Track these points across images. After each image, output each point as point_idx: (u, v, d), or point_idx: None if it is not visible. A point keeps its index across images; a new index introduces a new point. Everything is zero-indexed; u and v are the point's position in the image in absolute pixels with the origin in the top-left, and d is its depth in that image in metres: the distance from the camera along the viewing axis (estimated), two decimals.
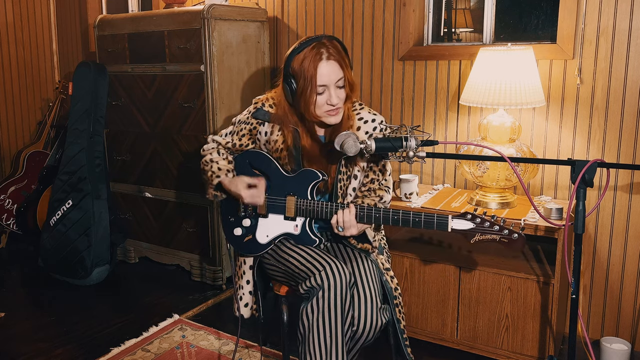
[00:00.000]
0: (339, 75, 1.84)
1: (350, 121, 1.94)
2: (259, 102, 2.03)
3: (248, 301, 2.10)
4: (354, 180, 1.96)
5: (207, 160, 2.07)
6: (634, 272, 2.50)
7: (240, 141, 2.05)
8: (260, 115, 2.00)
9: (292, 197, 1.93)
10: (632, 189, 2.47)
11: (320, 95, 1.85)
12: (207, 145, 2.12)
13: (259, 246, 2.00)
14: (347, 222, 1.82)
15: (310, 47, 1.84)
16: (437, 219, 1.74)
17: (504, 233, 1.68)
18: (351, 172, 1.95)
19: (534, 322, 2.31)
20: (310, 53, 1.83)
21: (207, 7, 2.96)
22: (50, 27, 4.38)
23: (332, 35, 1.92)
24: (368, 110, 1.99)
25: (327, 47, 1.84)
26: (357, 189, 1.99)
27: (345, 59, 1.87)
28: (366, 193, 2.00)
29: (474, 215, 1.71)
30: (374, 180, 1.99)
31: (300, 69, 1.84)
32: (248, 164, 2.02)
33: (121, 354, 2.51)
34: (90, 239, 3.22)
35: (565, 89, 2.55)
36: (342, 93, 1.87)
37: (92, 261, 3.22)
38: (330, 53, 1.83)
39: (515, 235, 1.67)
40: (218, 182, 2.00)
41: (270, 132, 1.99)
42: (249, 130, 2.03)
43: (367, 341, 1.88)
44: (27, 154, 4.04)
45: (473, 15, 3.13)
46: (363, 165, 1.97)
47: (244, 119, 2.04)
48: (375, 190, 2.00)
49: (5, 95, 4.25)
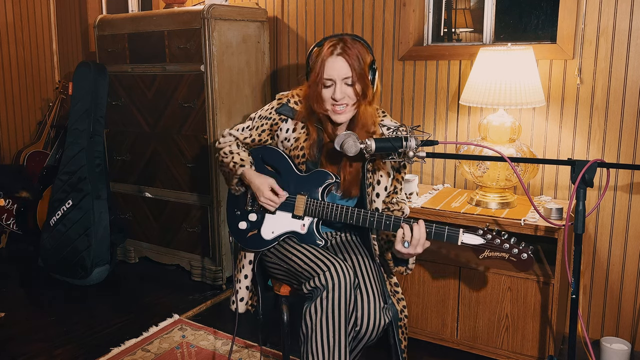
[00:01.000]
0: (346, 72, 1.82)
1: (374, 127, 1.93)
2: (283, 98, 2.01)
3: (244, 296, 2.10)
4: (378, 186, 1.94)
5: (226, 152, 2.05)
6: (634, 272, 2.50)
7: (260, 136, 2.03)
8: (285, 111, 1.98)
9: (303, 196, 1.92)
10: (632, 189, 2.47)
11: (326, 89, 1.85)
12: (224, 139, 2.10)
13: (262, 242, 1.99)
14: (416, 239, 1.72)
15: (329, 41, 1.85)
16: (447, 231, 1.72)
17: (513, 252, 1.68)
18: (376, 177, 1.93)
19: (534, 322, 2.31)
20: (327, 46, 1.84)
21: (207, 7, 2.96)
22: (50, 27, 4.38)
23: (359, 36, 1.89)
24: (390, 119, 1.99)
25: (345, 43, 1.83)
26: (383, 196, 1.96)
27: (361, 60, 1.83)
28: (390, 205, 1.97)
29: (485, 231, 1.70)
30: (397, 189, 1.98)
31: (314, 61, 1.86)
32: (261, 159, 2.01)
33: (121, 354, 2.51)
34: (90, 239, 3.22)
35: (565, 89, 2.55)
36: (350, 91, 1.83)
37: (92, 261, 3.22)
38: (344, 50, 1.81)
39: (525, 256, 1.67)
40: (242, 173, 1.98)
41: (292, 129, 1.97)
42: (270, 125, 2.01)
43: (369, 341, 1.88)
44: (27, 154, 4.04)
45: (473, 15, 3.13)
46: (388, 170, 1.94)
47: (266, 114, 2.02)
48: (398, 202, 1.98)
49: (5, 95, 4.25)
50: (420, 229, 1.72)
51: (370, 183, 1.92)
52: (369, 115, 1.91)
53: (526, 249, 1.68)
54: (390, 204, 1.98)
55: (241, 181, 2.02)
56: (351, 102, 1.85)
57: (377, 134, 1.92)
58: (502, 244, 1.69)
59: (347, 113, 1.87)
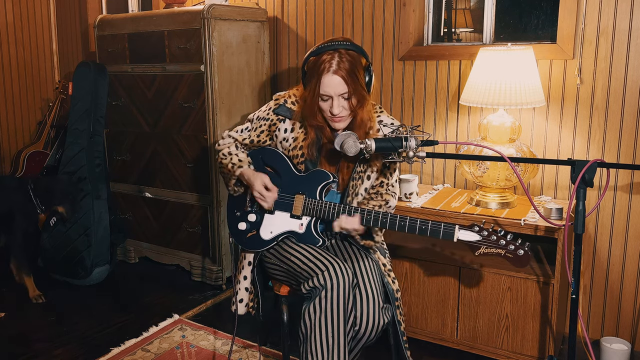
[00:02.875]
0: (342, 89, 1.83)
1: (371, 122, 1.95)
2: (280, 99, 2.01)
3: (244, 297, 2.10)
4: (367, 181, 1.97)
5: (225, 153, 2.06)
6: (634, 272, 2.50)
7: (259, 137, 2.04)
8: (282, 112, 1.99)
9: (301, 195, 1.93)
10: (632, 189, 2.47)
11: (323, 102, 1.87)
12: (223, 141, 2.11)
13: (262, 242, 2.00)
14: (350, 230, 1.84)
15: (325, 54, 1.83)
16: (444, 228, 1.73)
17: (509, 248, 1.68)
18: (365, 173, 1.96)
19: (534, 322, 2.31)
20: (322, 60, 1.82)
21: (207, 7, 2.96)
22: (50, 27, 4.38)
23: (352, 43, 1.86)
24: (387, 115, 2.01)
25: (340, 58, 1.81)
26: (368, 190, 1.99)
27: (356, 72, 1.83)
28: (373, 195, 2.00)
29: (481, 228, 1.71)
30: (383, 183, 2.00)
31: (310, 72, 1.87)
32: (261, 159, 2.02)
33: (121, 354, 2.51)
34: (90, 239, 3.22)
35: (565, 89, 2.55)
36: (346, 104, 1.86)
37: (92, 261, 3.22)
38: (340, 67, 1.81)
39: (521, 252, 1.67)
40: (240, 173, 1.99)
41: (291, 129, 1.98)
42: (268, 126, 2.02)
43: (368, 341, 1.89)
44: (27, 154, 4.04)
45: (473, 15, 3.13)
46: (379, 167, 1.97)
47: (263, 115, 2.03)
48: (382, 194, 2.00)
49: (5, 95, 4.25)
50: (353, 222, 1.84)
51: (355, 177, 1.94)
52: (366, 115, 1.93)
53: (522, 245, 1.69)
54: (373, 195, 2.00)
55: (239, 182, 2.03)
56: (347, 113, 1.88)
57: (375, 130, 1.94)
58: (499, 240, 1.69)
59: (344, 121, 1.90)
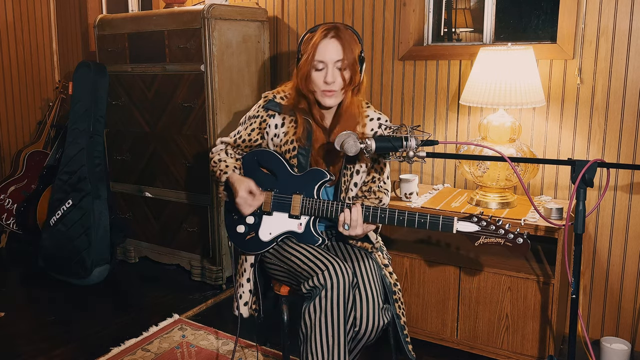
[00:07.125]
0: (339, 54, 1.85)
1: (361, 117, 1.97)
2: (269, 95, 2.04)
3: (247, 300, 2.10)
4: (357, 176, 1.98)
5: (215, 161, 2.08)
6: (634, 272, 2.50)
7: (250, 136, 2.05)
8: (272, 107, 2.01)
9: (299, 195, 1.93)
10: (632, 189, 2.47)
11: (317, 72, 1.87)
12: (215, 148, 2.14)
13: (261, 244, 2.00)
14: (354, 220, 1.82)
15: (323, 26, 1.88)
16: (442, 220, 1.74)
17: (508, 237, 1.68)
18: (354, 168, 1.97)
19: (534, 322, 2.31)
20: (319, 30, 1.88)
21: (207, 6, 2.96)
22: (50, 27, 4.38)
23: (351, 26, 1.94)
24: (374, 109, 2.03)
25: (338, 29, 1.87)
26: (359, 185, 2.00)
27: (352, 47, 1.87)
28: (366, 194, 2.01)
29: (479, 218, 1.71)
30: (375, 178, 2.00)
31: (305, 45, 1.89)
32: (256, 161, 2.02)
33: (121, 354, 2.51)
34: (90, 238, 3.22)
35: (565, 89, 2.55)
36: (340, 77, 1.88)
37: (92, 261, 3.22)
38: (338, 34, 1.85)
39: (520, 240, 1.67)
40: (226, 179, 2.01)
41: (281, 124, 1.99)
42: (259, 124, 2.03)
43: (368, 341, 1.89)
44: (27, 153, 4.04)
45: (473, 15, 3.13)
46: (367, 162, 1.98)
47: (253, 113, 2.05)
48: (375, 192, 2.01)
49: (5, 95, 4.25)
50: (358, 210, 1.81)
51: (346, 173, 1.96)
52: (356, 105, 1.95)
53: (521, 233, 1.69)
54: (366, 193, 2.01)
55: (229, 187, 2.03)
56: (339, 87, 1.89)
57: (363, 125, 1.96)
58: (497, 229, 1.70)
59: (335, 97, 1.91)
